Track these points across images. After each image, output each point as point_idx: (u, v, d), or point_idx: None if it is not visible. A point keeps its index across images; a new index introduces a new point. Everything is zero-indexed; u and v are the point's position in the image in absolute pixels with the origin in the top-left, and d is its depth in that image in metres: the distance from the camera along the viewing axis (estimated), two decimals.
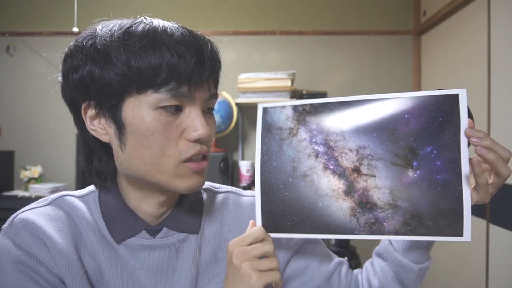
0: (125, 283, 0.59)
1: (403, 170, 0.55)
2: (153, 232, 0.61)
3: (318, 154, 0.58)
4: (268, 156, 0.60)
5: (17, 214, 0.59)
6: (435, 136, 0.54)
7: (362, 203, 0.56)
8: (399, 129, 0.55)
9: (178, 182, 0.56)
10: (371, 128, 0.56)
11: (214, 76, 0.58)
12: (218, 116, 2.34)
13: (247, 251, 0.55)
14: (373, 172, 0.56)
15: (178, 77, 0.52)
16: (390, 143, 0.55)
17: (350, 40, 2.63)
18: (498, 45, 1.72)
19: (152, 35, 0.52)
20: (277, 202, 0.59)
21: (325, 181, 0.58)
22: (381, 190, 0.55)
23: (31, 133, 2.63)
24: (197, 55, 0.54)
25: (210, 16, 2.65)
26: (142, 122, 0.53)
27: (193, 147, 0.55)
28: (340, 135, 0.57)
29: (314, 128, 0.59)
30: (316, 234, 0.58)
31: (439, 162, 0.54)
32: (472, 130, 0.52)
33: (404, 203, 0.54)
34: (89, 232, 0.60)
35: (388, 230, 0.55)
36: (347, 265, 0.74)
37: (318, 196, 0.58)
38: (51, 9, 2.64)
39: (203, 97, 0.56)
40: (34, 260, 0.55)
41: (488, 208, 1.73)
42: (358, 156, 0.57)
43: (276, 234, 0.60)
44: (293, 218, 0.59)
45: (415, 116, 0.55)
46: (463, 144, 0.53)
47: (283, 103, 0.60)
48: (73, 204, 0.62)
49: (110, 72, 0.52)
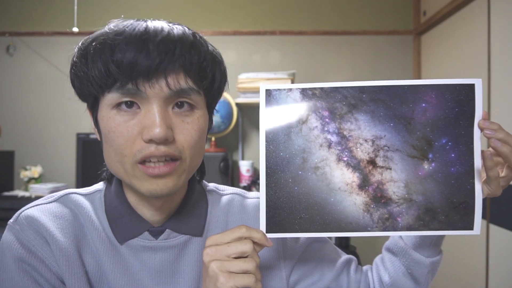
0: (126, 284, 0.58)
1: (418, 162, 0.53)
2: (156, 233, 0.61)
3: (331, 144, 0.54)
4: (274, 146, 0.54)
5: (22, 210, 0.59)
6: (451, 127, 0.53)
7: (376, 198, 0.53)
8: (416, 118, 0.53)
9: (138, 185, 0.53)
10: (387, 117, 0.53)
11: (174, 67, 0.51)
12: (218, 116, 2.34)
13: (219, 249, 0.51)
14: (389, 164, 0.53)
15: (123, 75, 0.50)
16: (407, 133, 0.53)
17: (350, 40, 2.63)
18: (498, 45, 1.72)
19: (104, 39, 0.51)
20: (285, 198, 0.54)
21: (338, 174, 0.53)
22: (396, 184, 0.53)
23: (31, 133, 2.63)
24: (138, 48, 0.49)
25: (210, 16, 2.65)
26: (103, 122, 0.54)
27: (146, 147, 0.51)
28: (354, 124, 0.53)
29: (326, 115, 0.54)
30: (326, 233, 0.54)
31: (454, 154, 0.53)
32: (486, 122, 0.52)
33: (418, 197, 0.53)
34: (92, 232, 0.59)
35: (401, 226, 0.53)
36: (356, 262, 0.72)
37: (330, 191, 0.53)
38: (51, 9, 2.64)
39: (159, 93, 0.51)
40: (35, 258, 0.55)
41: (488, 208, 1.73)
42: (374, 147, 0.53)
43: (282, 234, 0.54)
44: (302, 215, 0.54)
45: (432, 105, 0.53)
46: (476, 136, 0.52)
47: (289, 86, 0.54)
48: (78, 202, 0.62)
49: (83, 76, 0.54)
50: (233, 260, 0.50)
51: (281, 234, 0.55)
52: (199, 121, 0.55)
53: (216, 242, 0.52)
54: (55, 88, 2.56)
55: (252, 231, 0.53)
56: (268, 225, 0.55)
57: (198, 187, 0.67)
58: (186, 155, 0.54)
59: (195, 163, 0.58)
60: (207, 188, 0.70)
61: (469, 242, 1.89)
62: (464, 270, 1.95)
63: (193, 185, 0.66)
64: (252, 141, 2.61)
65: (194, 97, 0.54)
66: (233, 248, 0.51)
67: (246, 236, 0.52)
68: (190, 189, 0.65)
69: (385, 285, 0.68)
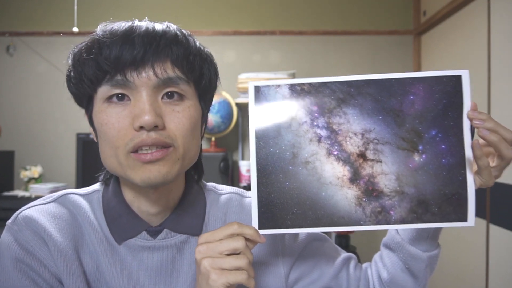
0: (125, 284, 0.58)
1: (409, 154, 0.53)
2: (154, 233, 0.61)
3: (320, 138, 0.54)
4: (264, 142, 0.54)
5: (21, 211, 0.60)
6: (440, 119, 0.53)
7: (368, 191, 0.53)
8: (404, 110, 0.53)
9: (132, 175, 0.54)
10: (376, 110, 0.53)
11: (160, 57, 0.53)
12: (218, 116, 2.34)
13: (211, 246, 0.51)
14: (379, 157, 0.53)
15: (112, 67, 0.53)
16: (396, 125, 0.53)
17: (350, 40, 2.63)
18: (498, 45, 1.72)
19: (93, 39, 0.55)
20: (276, 194, 0.54)
21: (328, 168, 0.53)
22: (387, 176, 0.53)
23: (31, 133, 2.63)
24: (123, 39, 0.52)
25: (210, 16, 2.65)
26: (96, 117, 0.56)
27: (138, 136, 0.52)
28: (343, 118, 0.54)
29: (315, 109, 0.54)
30: (318, 227, 0.54)
31: (444, 146, 0.53)
32: (475, 112, 0.52)
33: (410, 189, 0.53)
34: (90, 232, 0.60)
35: (394, 219, 0.53)
36: (355, 260, 0.72)
37: (321, 185, 0.53)
38: (51, 9, 2.64)
39: (148, 82, 0.53)
40: (34, 259, 0.55)
41: (488, 208, 1.73)
42: (364, 140, 0.53)
43: (274, 231, 0.54)
44: (293, 210, 0.54)
45: (420, 97, 0.53)
46: (466, 126, 0.52)
47: (278, 81, 0.55)
48: (77, 202, 0.62)
49: (77, 77, 0.56)
50: (225, 257, 0.50)
51: (274, 230, 0.54)
52: (189, 110, 0.56)
53: (208, 240, 0.52)
54: (55, 88, 2.56)
55: (244, 228, 0.53)
56: (261, 221, 0.54)
57: (196, 186, 0.67)
58: (178, 143, 0.55)
59: (190, 153, 0.58)
60: (206, 188, 0.70)
61: (469, 242, 1.89)
62: (464, 270, 1.95)
63: (191, 183, 0.66)
64: None
65: (183, 87, 0.56)
66: (225, 245, 0.51)
67: (238, 232, 0.52)
68: (187, 187, 0.65)
69: (384, 281, 0.68)
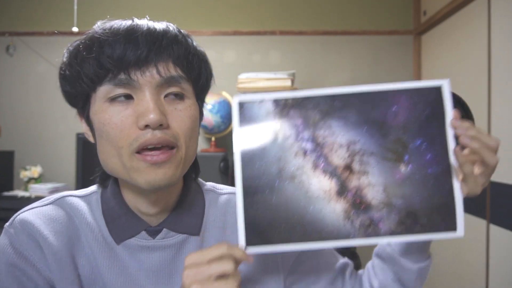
0: (123, 284, 0.58)
1: (395, 165, 0.53)
2: (153, 233, 0.61)
3: (306, 152, 0.53)
4: (249, 157, 0.53)
5: (18, 213, 0.60)
6: (424, 129, 0.53)
7: (356, 204, 0.53)
8: (388, 122, 0.53)
9: (136, 177, 0.53)
10: (360, 121, 0.53)
11: (162, 57, 0.54)
12: (218, 116, 2.34)
13: (200, 270, 0.48)
14: (365, 168, 0.53)
15: (115, 66, 0.52)
16: (381, 136, 0.53)
17: (350, 40, 2.63)
18: (498, 45, 1.72)
19: (93, 37, 0.54)
20: (263, 210, 0.53)
21: (315, 182, 0.53)
22: (375, 188, 0.53)
23: (31, 133, 2.63)
24: (126, 38, 0.52)
25: (210, 16, 2.65)
26: (96, 116, 0.55)
27: (142, 135, 0.52)
28: (328, 130, 0.53)
29: (299, 123, 0.54)
30: (307, 242, 0.53)
31: (429, 155, 0.52)
32: (457, 121, 0.52)
33: (398, 201, 0.53)
34: (88, 234, 0.60)
35: (383, 231, 0.53)
36: (351, 267, 0.72)
37: (308, 199, 0.53)
38: (51, 9, 2.64)
39: (151, 81, 0.53)
40: (27, 263, 0.56)
41: (488, 208, 1.73)
42: (349, 152, 0.53)
43: (263, 248, 0.53)
44: (281, 226, 0.53)
45: (403, 108, 0.53)
46: (450, 135, 0.52)
47: (262, 96, 0.54)
48: (74, 205, 0.62)
49: (74, 75, 0.55)
50: (215, 281, 0.48)
51: (262, 248, 0.53)
52: (190, 109, 0.57)
53: (196, 262, 0.50)
54: (55, 88, 2.53)
55: (234, 250, 0.51)
56: (248, 238, 0.53)
57: (194, 185, 0.67)
58: (181, 143, 0.55)
59: (190, 154, 0.58)
60: (205, 187, 0.70)
61: (469, 242, 1.89)
62: (464, 270, 1.95)
63: (189, 183, 0.66)
64: None
65: (184, 85, 0.56)
66: (214, 268, 0.48)
67: (228, 254, 0.50)
68: (185, 187, 0.65)
69: None
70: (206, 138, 2.59)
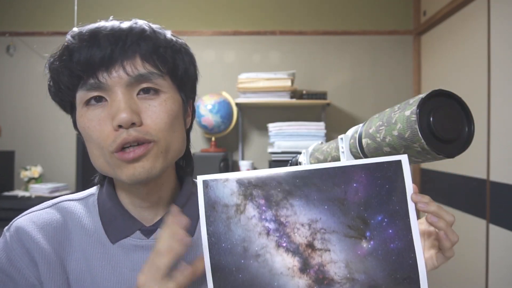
0: (115, 284, 0.59)
1: (356, 241, 0.54)
2: (148, 232, 0.61)
3: (269, 231, 0.55)
4: (216, 238, 0.55)
5: (16, 219, 0.62)
6: (384, 204, 0.54)
7: (319, 279, 0.54)
8: (349, 199, 0.54)
9: (119, 173, 0.55)
10: (321, 200, 0.55)
11: (128, 55, 0.53)
12: (218, 116, 2.35)
13: None
14: (327, 246, 0.54)
15: (83, 71, 0.53)
16: (342, 214, 0.54)
17: (350, 40, 2.63)
18: (498, 45, 1.72)
19: (63, 46, 0.55)
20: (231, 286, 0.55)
21: (279, 260, 0.54)
22: (337, 264, 0.53)
23: (31, 133, 2.63)
24: (90, 42, 0.53)
25: (210, 16, 2.65)
26: (78, 122, 0.57)
27: (118, 135, 0.53)
28: (290, 210, 0.55)
29: (262, 203, 0.55)
30: None
31: (391, 230, 0.53)
32: (418, 195, 0.53)
33: (361, 276, 0.53)
34: (82, 237, 0.60)
35: None
36: None
37: (273, 276, 0.54)
38: (51, 9, 2.64)
39: (120, 81, 0.53)
40: (14, 269, 0.57)
41: (488, 208, 1.73)
42: (311, 230, 0.55)
43: None
44: None
45: (363, 184, 0.54)
46: (411, 209, 0.53)
47: (226, 176, 0.56)
48: (70, 209, 0.63)
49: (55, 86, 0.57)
50: None
51: None
52: (166, 104, 0.56)
53: None
54: None
55: None
56: None
57: (189, 186, 0.67)
58: (159, 137, 0.55)
59: (173, 146, 0.58)
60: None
61: (469, 242, 1.89)
62: (464, 270, 1.95)
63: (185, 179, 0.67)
64: (252, 141, 2.61)
65: (157, 81, 0.56)
66: None
67: None
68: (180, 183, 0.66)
69: None
70: (206, 138, 2.59)
